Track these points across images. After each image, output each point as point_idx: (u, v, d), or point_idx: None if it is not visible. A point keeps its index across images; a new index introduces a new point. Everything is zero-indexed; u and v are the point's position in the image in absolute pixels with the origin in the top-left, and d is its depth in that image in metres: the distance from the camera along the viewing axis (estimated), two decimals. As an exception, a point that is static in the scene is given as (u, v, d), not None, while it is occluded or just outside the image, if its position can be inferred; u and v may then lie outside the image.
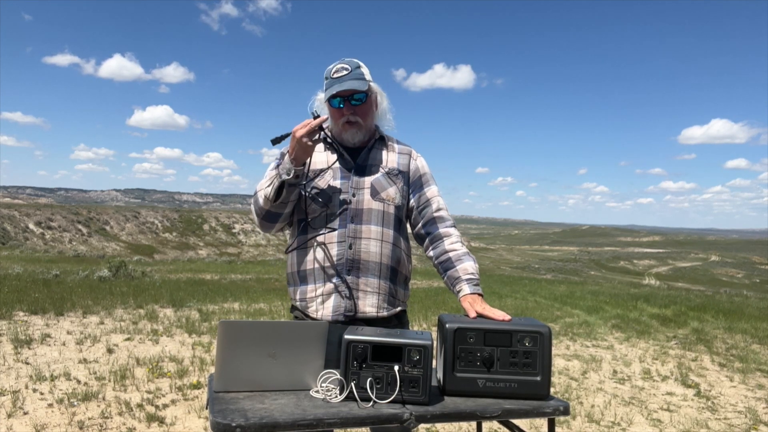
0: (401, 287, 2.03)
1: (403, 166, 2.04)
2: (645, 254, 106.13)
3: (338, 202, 1.94)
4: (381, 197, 1.97)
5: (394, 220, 1.99)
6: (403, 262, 2.03)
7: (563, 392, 4.53)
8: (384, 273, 1.95)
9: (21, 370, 4.38)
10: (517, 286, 14.16)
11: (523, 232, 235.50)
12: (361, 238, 1.93)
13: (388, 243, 1.97)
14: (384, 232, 1.96)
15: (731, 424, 3.94)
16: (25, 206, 53.39)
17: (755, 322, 8.36)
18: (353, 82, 1.91)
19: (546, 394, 1.64)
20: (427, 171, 2.10)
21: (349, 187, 1.95)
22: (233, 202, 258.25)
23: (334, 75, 1.93)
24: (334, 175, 1.97)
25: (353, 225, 1.93)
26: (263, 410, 1.45)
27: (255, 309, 7.94)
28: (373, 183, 1.97)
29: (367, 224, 1.94)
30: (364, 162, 1.99)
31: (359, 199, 1.95)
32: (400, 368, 1.54)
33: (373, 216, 1.95)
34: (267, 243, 58.94)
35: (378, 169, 2.00)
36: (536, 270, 52.71)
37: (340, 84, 1.90)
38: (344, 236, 1.92)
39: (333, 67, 1.96)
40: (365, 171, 1.99)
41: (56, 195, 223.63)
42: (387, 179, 1.99)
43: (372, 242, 1.93)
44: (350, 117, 1.93)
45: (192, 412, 3.66)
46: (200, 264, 21.32)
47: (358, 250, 1.92)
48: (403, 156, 2.06)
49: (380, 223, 1.96)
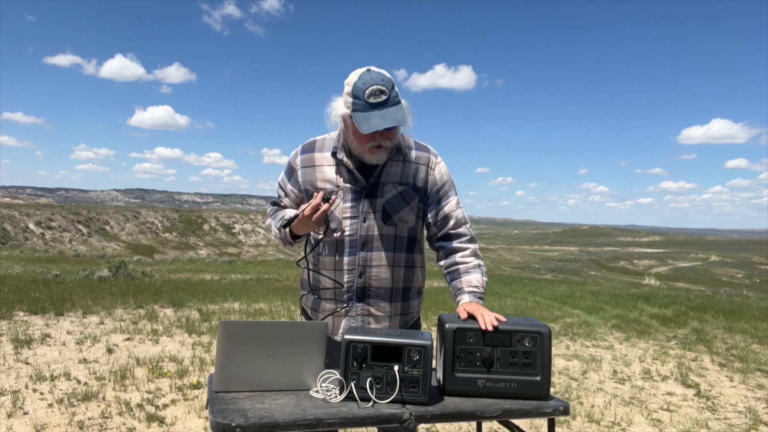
0: (414, 299, 2.01)
1: (419, 180, 1.92)
2: (645, 254, 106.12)
3: (348, 228, 1.87)
4: (393, 221, 1.88)
5: (407, 242, 1.93)
6: (416, 277, 1.98)
7: (563, 392, 4.53)
8: (395, 296, 1.92)
9: (21, 370, 4.38)
10: (517, 286, 14.16)
11: (523, 232, 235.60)
12: (372, 266, 1.88)
13: (400, 267, 1.92)
14: (396, 257, 1.90)
15: (731, 424, 3.94)
16: (25, 206, 53.38)
17: (755, 322, 8.36)
18: (397, 114, 1.74)
19: (546, 394, 1.64)
20: (445, 180, 1.96)
21: (360, 211, 1.87)
22: (233, 202, 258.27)
23: (369, 99, 1.73)
24: (345, 196, 1.87)
25: (364, 253, 1.87)
26: (263, 410, 1.45)
27: (255, 309, 7.94)
28: (385, 206, 1.87)
29: (378, 251, 1.88)
30: (377, 180, 1.87)
31: (370, 224, 1.87)
32: (400, 368, 1.54)
33: (384, 242, 1.88)
34: (267, 243, 58.93)
35: (391, 188, 1.88)
36: (536, 270, 52.72)
37: (382, 116, 1.72)
38: (354, 264, 1.88)
39: (365, 86, 1.74)
40: (377, 192, 1.87)
41: (56, 195, 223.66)
42: (400, 200, 1.88)
43: (383, 269, 1.88)
44: (382, 142, 1.80)
45: (192, 412, 3.66)
46: (200, 264, 21.32)
47: (369, 277, 1.88)
48: (420, 167, 1.92)
49: (392, 249, 1.89)
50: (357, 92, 1.74)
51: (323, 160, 1.92)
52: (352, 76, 1.78)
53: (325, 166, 1.91)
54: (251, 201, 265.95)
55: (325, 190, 1.88)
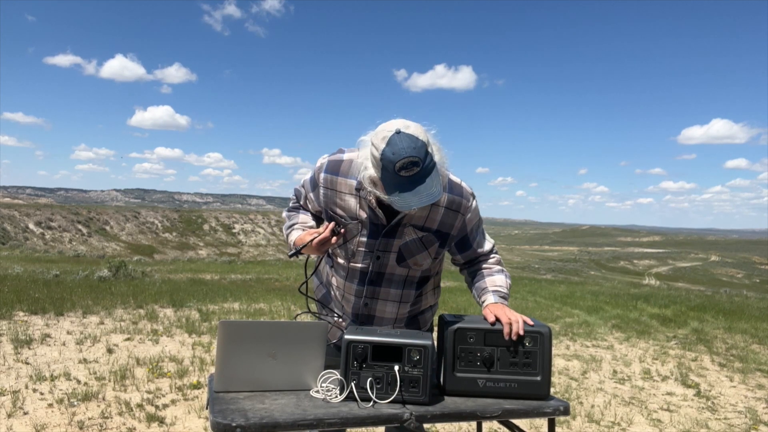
0: (426, 314, 1.99)
1: (445, 227, 1.80)
2: (645, 254, 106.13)
3: (360, 261, 1.83)
4: (408, 264, 1.83)
5: (419, 281, 1.89)
6: (426, 301, 1.96)
7: (563, 392, 4.53)
8: (400, 323, 1.92)
9: (21, 370, 4.38)
10: (517, 286, 14.15)
11: (523, 232, 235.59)
12: (378, 299, 1.86)
13: (407, 303, 1.89)
14: (404, 294, 1.88)
15: (731, 424, 3.94)
16: (25, 206, 53.38)
17: (755, 322, 8.36)
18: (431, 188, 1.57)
19: (546, 394, 1.64)
20: (475, 223, 1.85)
21: (375, 248, 1.80)
22: (233, 202, 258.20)
23: (401, 172, 1.55)
24: (362, 230, 1.80)
25: (372, 287, 1.85)
26: (263, 410, 1.45)
27: (255, 309, 7.94)
28: (401, 248, 1.80)
29: (386, 287, 1.85)
30: (399, 221, 1.77)
31: (383, 262, 1.82)
32: (400, 368, 1.54)
33: (394, 280, 1.85)
34: (267, 243, 58.96)
35: (411, 231, 1.78)
36: (536, 270, 52.71)
37: (416, 195, 1.55)
38: (361, 294, 1.86)
39: (396, 158, 1.54)
40: (396, 233, 1.78)
41: (56, 195, 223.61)
42: (419, 245, 1.80)
43: (389, 303, 1.87)
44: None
45: (192, 412, 3.66)
46: (200, 264, 21.31)
47: (374, 308, 1.88)
48: (450, 214, 1.79)
49: (401, 287, 1.87)
50: (386, 163, 1.56)
51: (346, 188, 1.80)
52: (379, 136, 1.60)
53: (346, 195, 1.80)
54: (251, 201, 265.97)
55: (342, 219, 1.82)
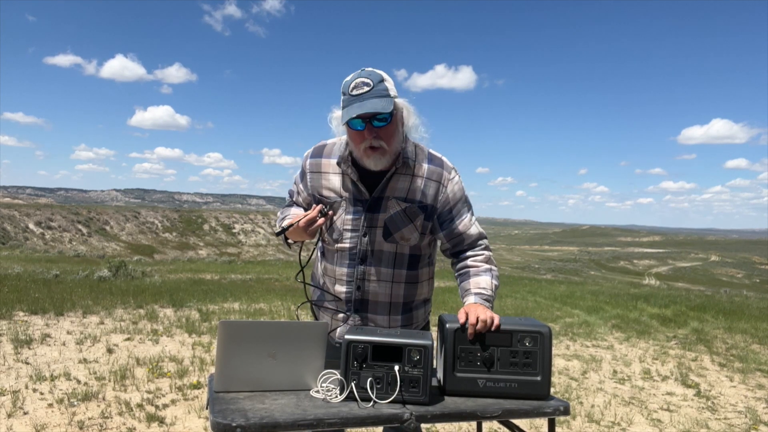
0: (419, 310, 1.97)
1: (428, 198, 1.82)
2: (645, 254, 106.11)
3: (348, 241, 1.84)
4: (395, 238, 1.82)
5: (409, 259, 1.88)
6: (420, 291, 1.94)
7: (563, 392, 4.53)
8: (395, 310, 1.90)
9: (21, 370, 4.38)
10: (517, 286, 14.15)
11: (523, 232, 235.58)
12: (370, 280, 1.85)
13: (400, 283, 1.88)
14: (396, 273, 1.86)
15: (731, 424, 3.94)
16: (25, 206, 53.38)
17: (755, 322, 8.36)
18: (376, 102, 1.67)
19: (546, 394, 1.64)
20: (459, 198, 1.86)
21: (361, 224, 1.82)
22: (233, 202, 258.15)
23: (353, 91, 1.69)
24: (347, 207, 1.83)
25: (362, 267, 1.84)
26: (263, 410, 1.45)
27: (255, 309, 7.94)
28: (386, 222, 1.81)
29: (377, 266, 1.84)
30: (380, 194, 1.80)
31: (370, 239, 1.82)
32: (400, 368, 1.54)
33: (384, 258, 1.84)
34: (267, 243, 58.95)
35: (395, 204, 1.80)
36: (536, 270, 52.71)
37: (360, 104, 1.67)
38: (353, 276, 1.86)
39: (352, 81, 1.71)
40: (380, 206, 1.81)
41: (56, 195, 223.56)
42: (403, 217, 1.81)
43: (381, 284, 1.85)
44: (373, 141, 1.71)
45: (192, 412, 3.66)
46: (200, 264, 21.31)
47: (367, 291, 1.86)
48: (431, 183, 1.82)
49: (391, 265, 1.85)
50: (344, 88, 1.73)
51: (329, 167, 1.87)
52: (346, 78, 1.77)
53: (330, 174, 1.86)
54: (251, 201, 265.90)
55: (328, 200, 1.86)
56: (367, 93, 1.68)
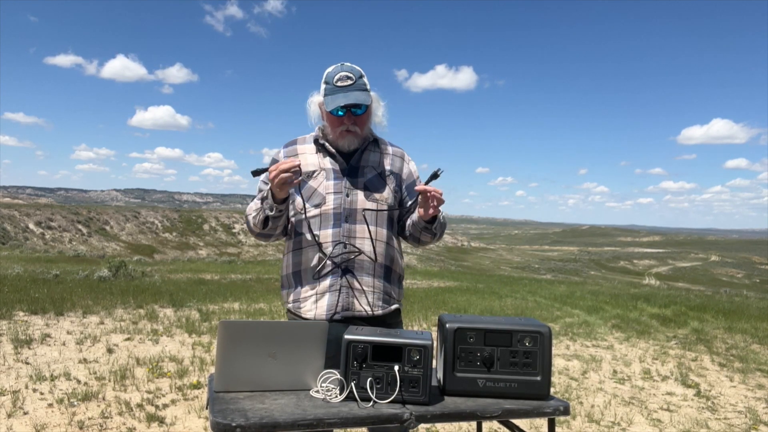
0: (396, 285, 2.07)
1: (396, 169, 2.09)
2: (645, 254, 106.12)
3: (332, 202, 1.98)
4: (374, 197, 2.01)
5: (387, 220, 2.04)
6: (396, 260, 2.07)
7: (563, 392, 4.53)
8: (378, 272, 1.99)
9: (21, 370, 4.38)
10: (517, 286, 14.15)
11: (523, 232, 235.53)
12: (356, 237, 1.97)
13: (382, 242, 2.01)
14: (378, 232, 2.00)
15: (731, 424, 3.94)
16: (25, 206, 53.38)
17: (755, 322, 8.36)
18: (359, 95, 1.93)
19: (546, 394, 1.64)
20: (417, 176, 2.15)
21: (343, 187, 1.99)
22: (233, 202, 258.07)
23: (337, 83, 1.94)
24: (327, 176, 2.00)
25: (347, 225, 1.97)
26: (263, 410, 1.45)
27: (255, 309, 7.94)
28: (366, 184, 2.01)
29: (361, 224, 1.98)
30: (357, 163, 2.03)
31: (353, 199, 1.99)
32: (400, 368, 1.54)
33: (367, 216, 1.99)
34: (267, 243, 58.92)
35: (371, 170, 2.04)
36: (536, 270, 52.70)
37: (345, 96, 1.92)
38: (338, 236, 1.96)
39: (335, 74, 1.96)
40: (358, 172, 2.02)
41: (56, 195, 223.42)
42: (380, 180, 2.04)
43: (366, 241, 1.97)
44: (350, 126, 1.97)
45: (192, 412, 3.66)
46: (200, 264, 21.29)
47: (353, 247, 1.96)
48: (397, 159, 2.11)
49: (374, 223, 2.00)
50: (328, 79, 1.97)
51: (306, 150, 2.07)
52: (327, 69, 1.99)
53: (308, 154, 2.05)
54: (251, 201, 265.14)
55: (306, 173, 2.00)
56: (350, 86, 1.94)
